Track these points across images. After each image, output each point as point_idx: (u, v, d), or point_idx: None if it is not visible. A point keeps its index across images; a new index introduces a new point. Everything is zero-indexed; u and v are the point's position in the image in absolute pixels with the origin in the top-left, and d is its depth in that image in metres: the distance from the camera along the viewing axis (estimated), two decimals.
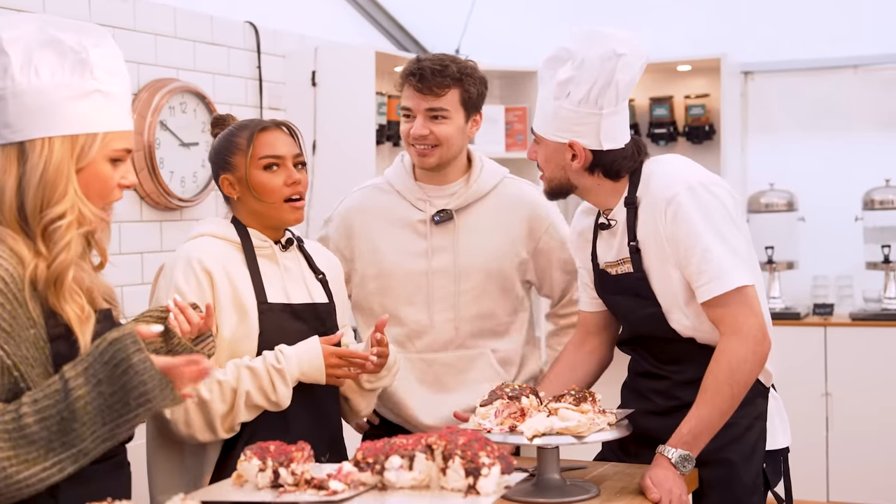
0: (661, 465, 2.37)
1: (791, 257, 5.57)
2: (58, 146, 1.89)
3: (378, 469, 1.81)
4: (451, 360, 2.87)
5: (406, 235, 2.87)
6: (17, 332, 1.80)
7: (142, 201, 4.14)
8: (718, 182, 2.56)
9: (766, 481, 2.65)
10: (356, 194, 2.99)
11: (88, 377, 1.80)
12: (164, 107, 4.13)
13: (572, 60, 2.50)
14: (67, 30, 1.93)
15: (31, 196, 1.88)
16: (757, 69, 5.80)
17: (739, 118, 5.78)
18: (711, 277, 2.45)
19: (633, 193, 2.57)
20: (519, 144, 5.77)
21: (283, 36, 4.91)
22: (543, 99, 2.57)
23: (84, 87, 1.91)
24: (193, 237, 2.53)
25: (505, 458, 1.81)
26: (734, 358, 2.43)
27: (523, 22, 6.01)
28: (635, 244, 2.55)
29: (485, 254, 2.86)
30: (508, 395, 2.36)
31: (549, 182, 2.62)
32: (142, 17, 4.14)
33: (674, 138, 5.74)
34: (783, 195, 5.58)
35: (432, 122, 2.76)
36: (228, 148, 2.55)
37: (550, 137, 2.55)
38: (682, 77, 5.77)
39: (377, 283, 2.89)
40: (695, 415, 2.41)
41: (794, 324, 5.34)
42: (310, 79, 4.87)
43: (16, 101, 1.89)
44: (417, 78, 2.74)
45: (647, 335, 2.65)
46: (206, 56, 4.47)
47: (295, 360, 2.42)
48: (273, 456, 1.86)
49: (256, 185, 2.52)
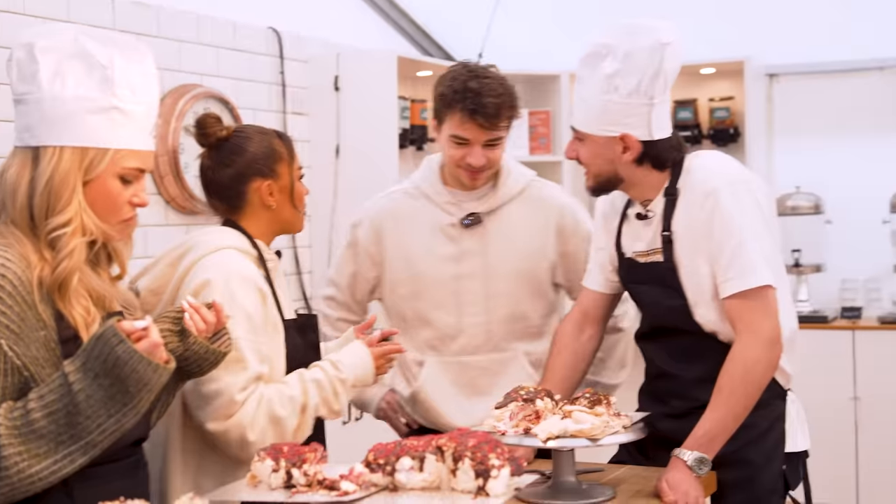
0: (676, 467, 2.37)
1: (818, 260, 5.53)
2: (67, 156, 1.93)
3: (389, 470, 1.82)
4: (485, 363, 2.89)
5: (436, 239, 2.88)
6: (27, 333, 1.83)
7: (167, 206, 4.17)
8: (756, 181, 2.59)
9: (785, 484, 2.65)
10: (384, 199, 2.99)
11: (86, 372, 1.83)
12: (188, 112, 4.16)
13: (613, 55, 2.51)
14: (104, 44, 1.97)
15: (38, 200, 1.91)
16: (782, 71, 5.77)
17: (764, 121, 5.74)
18: (738, 273, 2.46)
19: (673, 184, 2.59)
20: (542, 148, 5.77)
21: (305, 41, 4.94)
22: (587, 96, 2.56)
23: (103, 103, 1.95)
24: (218, 249, 2.43)
25: (515, 460, 1.81)
26: (749, 358, 2.43)
27: (546, 26, 6.01)
28: (668, 234, 2.57)
29: (515, 256, 2.87)
30: (523, 397, 2.36)
31: (595, 178, 2.63)
32: (165, 24, 4.18)
33: (698, 141, 5.72)
34: (809, 198, 5.54)
35: (488, 150, 2.79)
36: (272, 155, 2.52)
37: (599, 133, 2.56)
38: (706, 80, 5.75)
39: (408, 288, 2.91)
40: (710, 417, 2.41)
41: (822, 327, 5.30)
42: (332, 84, 4.89)
43: (38, 107, 1.93)
44: (482, 115, 2.72)
45: (668, 327, 2.65)
46: (229, 62, 4.50)
47: (350, 367, 2.44)
48: (286, 457, 1.87)
49: (297, 195, 2.56)
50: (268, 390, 2.35)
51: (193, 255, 2.43)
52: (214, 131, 2.56)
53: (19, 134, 1.96)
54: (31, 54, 1.93)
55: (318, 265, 4.92)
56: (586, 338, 2.82)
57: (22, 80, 1.95)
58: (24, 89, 1.95)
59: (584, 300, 2.85)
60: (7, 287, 1.82)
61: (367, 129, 4.87)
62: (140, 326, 1.88)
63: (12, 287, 1.82)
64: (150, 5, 4.11)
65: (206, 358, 2.11)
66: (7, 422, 1.80)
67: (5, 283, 1.83)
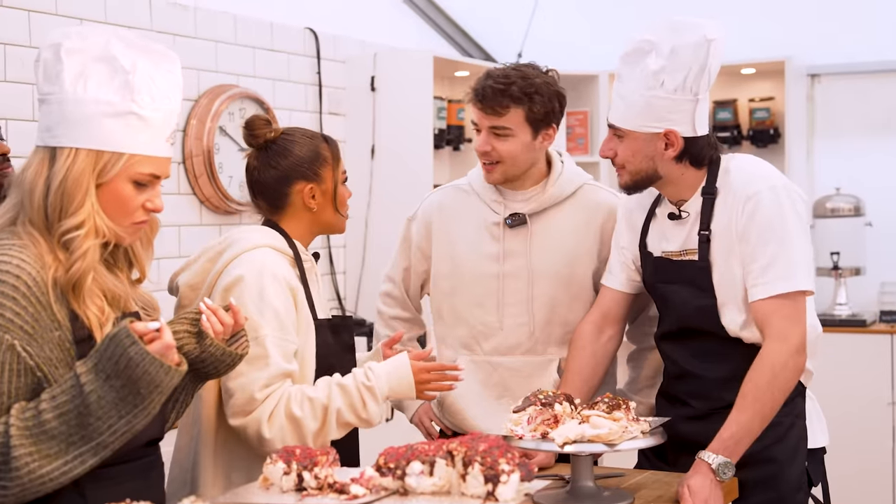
0: (700, 471, 2.35)
1: (858, 263, 5.47)
2: (82, 158, 1.94)
3: (399, 474, 1.83)
4: (518, 365, 2.88)
5: (480, 237, 2.89)
6: (41, 334, 1.85)
7: (201, 205, 4.21)
8: (796, 189, 2.59)
9: (809, 480, 2.65)
10: (438, 193, 3.01)
11: (98, 373, 1.85)
12: (224, 112, 4.20)
13: (658, 51, 2.51)
14: (133, 48, 1.98)
15: (52, 200, 1.93)
16: (823, 71, 5.71)
17: (805, 121, 5.69)
18: (779, 276, 2.47)
19: (711, 184, 2.59)
20: (580, 148, 5.75)
21: (342, 42, 4.96)
22: (627, 93, 2.56)
23: (121, 107, 1.96)
24: (254, 247, 2.47)
25: (525, 465, 1.82)
26: (777, 363, 2.43)
27: (585, 26, 5.99)
28: (707, 234, 2.57)
29: (557, 259, 2.86)
30: (542, 401, 2.35)
31: (632, 175, 2.61)
32: (202, 25, 4.22)
33: (738, 142, 5.68)
34: (850, 200, 5.48)
35: (495, 139, 2.77)
36: (316, 159, 2.55)
37: (641, 129, 2.55)
38: (746, 80, 5.70)
39: (448, 283, 2.92)
40: (735, 420, 2.41)
41: (861, 331, 5.24)
42: (369, 84, 4.92)
43: (59, 108, 1.95)
44: (480, 97, 2.75)
45: (694, 328, 2.64)
46: (266, 62, 4.54)
47: (385, 377, 2.43)
48: (298, 459, 1.88)
49: (340, 198, 2.59)
50: (291, 389, 2.38)
51: (231, 251, 2.47)
52: (263, 133, 2.60)
53: (41, 134, 1.98)
54: (58, 55, 1.95)
55: (353, 266, 4.95)
56: (606, 339, 2.82)
57: (47, 80, 1.97)
58: (48, 89, 1.97)
59: (605, 300, 2.84)
60: (22, 288, 1.84)
61: (402, 130, 4.89)
62: (153, 328, 1.89)
63: (27, 288, 1.84)
64: (186, 6, 4.15)
65: (223, 360, 2.13)
66: (19, 422, 1.81)
67: (20, 285, 1.84)
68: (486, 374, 2.89)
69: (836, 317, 5.38)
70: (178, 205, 4.12)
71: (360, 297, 4.92)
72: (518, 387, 2.85)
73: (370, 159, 4.93)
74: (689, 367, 2.65)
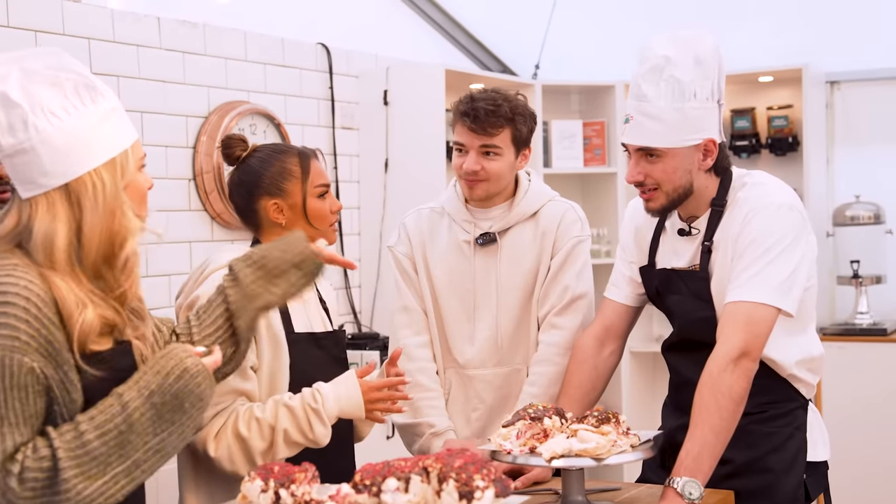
0: (667, 497, 2.31)
1: (878, 271, 5.41)
2: (105, 174, 1.90)
3: (375, 491, 1.82)
4: (489, 377, 2.92)
5: (454, 257, 2.95)
6: (54, 355, 1.83)
7: (213, 221, 4.24)
8: (804, 213, 2.58)
9: (806, 493, 2.63)
10: (412, 215, 3.06)
11: (141, 389, 1.87)
12: (234, 129, 4.23)
13: (679, 64, 2.51)
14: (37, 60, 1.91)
15: (98, 233, 1.88)
16: (843, 78, 5.66)
17: (824, 129, 5.64)
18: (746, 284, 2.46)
19: (722, 196, 2.60)
20: (597, 159, 5.74)
21: (355, 56, 4.98)
22: (658, 111, 2.51)
23: (103, 108, 1.92)
24: (222, 266, 2.49)
25: (501, 481, 1.81)
26: (714, 369, 2.41)
27: (600, 37, 5.98)
28: (709, 244, 2.58)
29: (520, 275, 2.91)
30: (531, 415, 2.36)
31: (669, 195, 2.58)
32: (212, 42, 4.25)
33: (756, 150, 5.64)
34: (870, 208, 5.42)
35: (484, 159, 2.84)
36: (280, 174, 2.59)
37: (681, 144, 2.53)
38: (764, 88, 5.66)
39: (428, 299, 2.97)
40: (690, 436, 2.37)
41: (882, 340, 5.18)
42: (382, 98, 4.93)
43: (46, 148, 1.87)
44: (472, 118, 2.81)
45: (696, 340, 2.63)
46: (277, 78, 4.56)
47: (333, 398, 2.44)
48: (275, 477, 1.88)
49: (312, 212, 2.60)
50: (240, 408, 2.43)
51: (206, 271, 2.53)
52: (235, 151, 2.64)
53: (25, 185, 1.89)
54: (8, 101, 1.87)
55: (367, 279, 4.96)
56: (608, 353, 2.82)
57: (11, 132, 1.87)
58: (15, 140, 1.87)
59: (608, 313, 2.83)
60: (33, 310, 1.81)
61: (415, 143, 4.90)
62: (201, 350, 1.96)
63: (37, 310, 1.81)
64: (196, 24, 4.19)
65: None
66: (63, 444, 1.81)
67: (31, 307, 1.81)
68: (465, 388, 2.94)
69: (857, 326, 5.33)
70: (189, 221, 4.15)
71: (374, 310, 4.92)
72: (493, 399, 2.92)
73: (384, 173, 4.95)
74: (691, 377, 2.63)
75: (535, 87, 5.47)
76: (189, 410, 1.90)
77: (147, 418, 1.86)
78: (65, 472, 1.79)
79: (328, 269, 4.76)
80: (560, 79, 5.83)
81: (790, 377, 2.62)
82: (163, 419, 1.87)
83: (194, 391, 1.90)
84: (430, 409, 2.90)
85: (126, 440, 1.84)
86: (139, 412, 1.85)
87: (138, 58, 3.94)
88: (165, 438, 1.88)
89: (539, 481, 2.64)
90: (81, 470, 1.81)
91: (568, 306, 2.88)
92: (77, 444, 1.81)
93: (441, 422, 2.88)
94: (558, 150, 5.67)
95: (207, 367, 1.94)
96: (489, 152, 2.83)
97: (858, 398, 5.12)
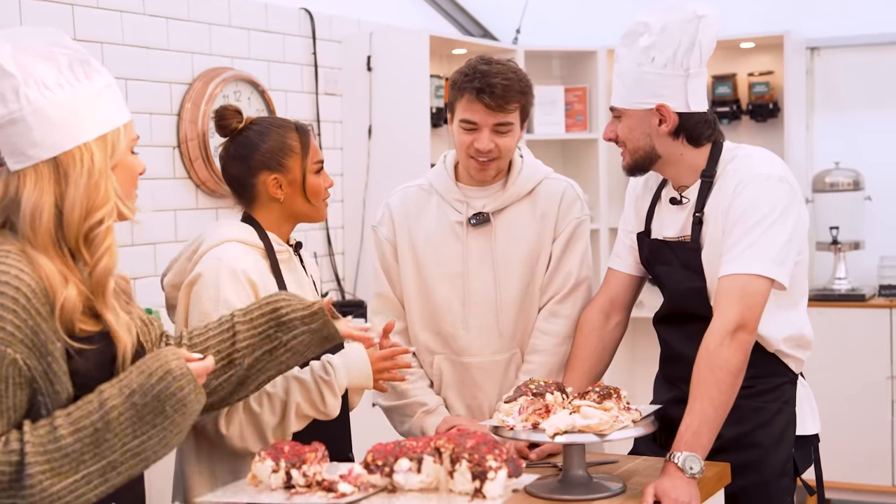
0: (667, 472, 2.32)
1: (857, 237, 5.46)
2: (95, 149, 1.88)
3: (387, 471, 1.83)
4: (488, 365, 2.84)
5: (444, 237, 2.84)
6: (39, 347, 1.80)
7: (197, 189, 4.21)
8: (794, 184, 2.59)
9: (795, 467, 2.66)
10: (398, 194, 2.94)
11: (122, 388, 1.83)
12: (218, 95, 4.19)
13: (650, 31, 2.54)
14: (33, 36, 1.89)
15: (77, 207, 1.85)
16: (823, 45, 5.68)
17: (804, 95, 5.66)
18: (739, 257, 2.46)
19: (712, 167, 2.60)
20: (579, 125, 5.73)
21: (338, 21, 4.94)
22: (623, 72, 2.60)
23: (97, 85, 1.90)
24: (220, 243, 2.48)
25: (513, 461, 1.82)
26: (711, 342, 2.42)
27: (583, 2, 5.95)
28: (700, 215, 2.58)
29: (521, 257, 2.82)
30: (533, 391, 2.36)
31: (632, 154, 2.64)
32: (195, 8, 4.20)
33: (737, 117, 5.65)
34: (849, 174, 5.46)
35: (497, 136, 2.72)
36: (282, 149, 2.56)
37: (636, 106, 2.58)
38: (745, 54, 5.67)
39: (414, 284, 2.87)
40: (689, 411, 2.38)
41: (860, 305, 5.24)
42: (365, 64, 4.90)
43: (38, 118, 1.85)
44: (489, 94, 2.67)
45: (686, 312, 2.65)
46: (260, 44, 4.52)
47: (343, 370, 2.44)
48: (286, 457, 1.89)
49: (310, 188, 2.58)
50: None
51: (202, 248, 2.49)
52: (231, 123, 2.60)
53: (15, 157, 1.87)
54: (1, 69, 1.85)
55: (351, 246, 4.95)
56: (613, 325, 2.82)
57: (3, 103, 1.85)
58: (5, 110, 1.86)
59: (612, 284, 2.83)
60: (21, 300, 1.78)
61: (399, 109, 4.88)
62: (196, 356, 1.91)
63: (26, 300, 1.79)
64: None
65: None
66: (34, 438, 1.77)
67: (20, 297, 1.78)
68: (461, 375, 2.86)
69: (836, 291, 5.38)
70: (173, 189, 4.12)
71: (358, 277, 4.92)
72: (491, 386, 2.84)
73: (367, 139, 4.92)
74: (682, 350, 2.65)
75: (516, 53, 5.45)
76: (171, 415, 1.85)
77: (126, 418, 1.82)
78: (30, 467, 1.75)
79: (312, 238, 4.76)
80: (541, 44, 5.81)
81: (778, 352, 2.64)
82: (143, 421, 1.83)
83: (176, 394, 1.85)
84: (416, 388, 2.83)
85: (102, 439, 1.80)
86: (118, 411, 1.81)
87: (122, 24, 3.89)
88: (146, 442, 1.84)
89: (553, 453, 2.64)
90: (51, 466, 1.77)
91: (570, 293, 2.83)
92: (49, 439, 1.78)
93: (431, 399, 2.83)
94: (539, 115, 5.66)
95: (195, 372, 1.88)
96: (502, 129, 2.72)
97: (836, 363, 5.18)
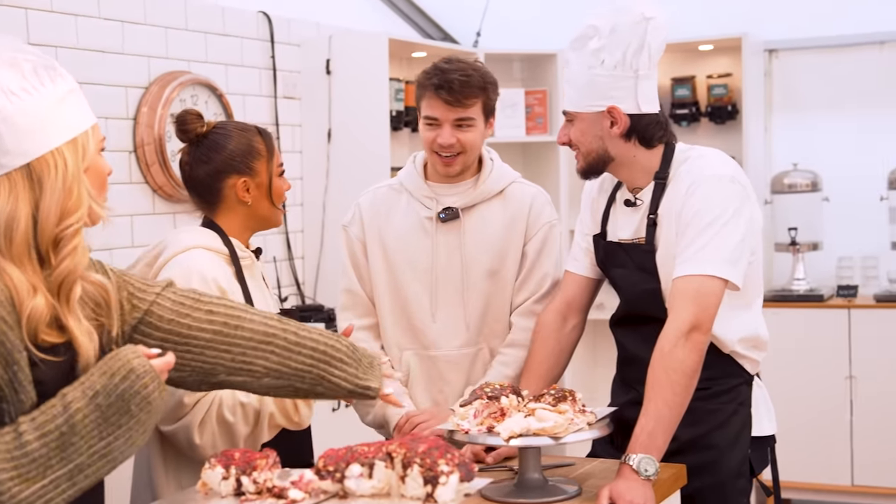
0: (623, 474, 2.31)
1: (815, 238, 5.50)
2: (67, 153, 1.86)
3: (338, 477, 1.82)
4: (456, 358, 2.88)
5: (413, 232, 2.88)
6: (5, 356, 1.76)
7: (154, 194, 4.18)
8: (747, 185, 2.59)
9: (751, 468, 2.67)
10: (369, 194, 2.98)
11: (86, 389, 1.80)
12: (175, 100, 4.16)
13: (599, 34, 2.55)
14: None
15: (52, 213, 1.82)
16: (781, 47, 5.72)
17: (763, 97, 5.70)
18: (692, 258, 2.47)
19: (665, 169, 2.61)
20: (539, 128, 5.74)
21: (297, 24, 4.92)
22: (574, 76, 2.61)
23: (62, 89, 1.88)
24: (185, 249, 2.47)
25: (465, 466, 1.81)
26: (665, 343, 2.42)
27: (542, 5, 5.97)
28: (654, 217, 2.59)
29: (488, 255, 2.86)
30: (488, 394, 2.35)
31: (585, 157, 2.64)
32: (151, 11, 4.17)
33: (696, 119, 5.68)
34: (807, 175, 5.50)
35: (458, 131, 2.79)
36: (250, 153, 2.57)
37: (587, 109, 2.59)
38: (703, 56, 5.70)
39: (384, 279, 2.90)
40: (644, 412, 2.38)
41: (818, 306, 5.28)
42: (324, 67, 4.88)
43: (7, 126, 1.83)
44: (447, 90, 2.74)
45: (641, 314, 2.65)
46: (218, 47, 4.49)
47: None
48: (236, 464, 1.87)
49: (275, 191, 2.60)
50: (223, 394, 2.38)
51: (164, 255, 2.48)
52: (194, 127, 2.60)
53: None
54: None
55: (311, 250, 4.93)
56: (570, 327, 2.82)
57: None
58: None
59: (569, 287, 2.84)
60: None
61: (358, 112, 4.87)
62: (155, 352, 1.87)
63: None
64: None
65: None
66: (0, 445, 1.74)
67: None
68: (428, 369, 2.89)
69: (794, 292, 5.42)
70: (130, 194, 4.08)
71: (318, 281, 4.90)
72: (457, 380, 2.88)
73: (327, 143, 4.91)
74: (637, 352, 2.66)
75: (476, 56, 5.45)
76: (137, 414, 1.83)
77: (91, 420, 1.79)
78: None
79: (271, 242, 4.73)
80: (502, 47, 5.82)
81: (733, 353, 2.65)
82: (109, 422, 1.81)
83: (140, 392, 1.82)
84: None
85: (68, 442, 1.78)
86: (82, 413, 1.79)
87: (76, 28, 3.86)
88: (112, 443, 1.81)
89: (509, 457, 2.64)
90: (18, 472, 1.74)
91: (548, 293, 2.88)
92: (15, 445, 1.75)
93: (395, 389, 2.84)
94: (500, 118, 5.64)
95: (157, 368, 1.86)
96: (463, 125, 2.78)
97: (795, 363, 5.22)
